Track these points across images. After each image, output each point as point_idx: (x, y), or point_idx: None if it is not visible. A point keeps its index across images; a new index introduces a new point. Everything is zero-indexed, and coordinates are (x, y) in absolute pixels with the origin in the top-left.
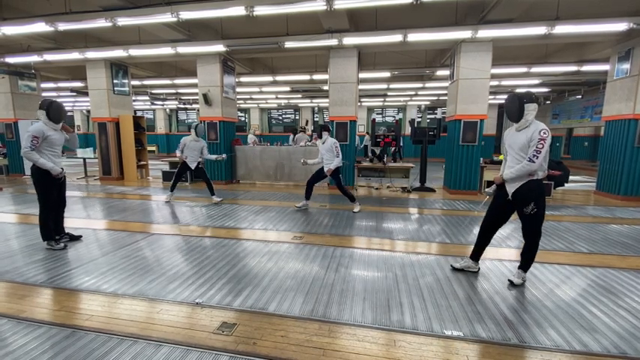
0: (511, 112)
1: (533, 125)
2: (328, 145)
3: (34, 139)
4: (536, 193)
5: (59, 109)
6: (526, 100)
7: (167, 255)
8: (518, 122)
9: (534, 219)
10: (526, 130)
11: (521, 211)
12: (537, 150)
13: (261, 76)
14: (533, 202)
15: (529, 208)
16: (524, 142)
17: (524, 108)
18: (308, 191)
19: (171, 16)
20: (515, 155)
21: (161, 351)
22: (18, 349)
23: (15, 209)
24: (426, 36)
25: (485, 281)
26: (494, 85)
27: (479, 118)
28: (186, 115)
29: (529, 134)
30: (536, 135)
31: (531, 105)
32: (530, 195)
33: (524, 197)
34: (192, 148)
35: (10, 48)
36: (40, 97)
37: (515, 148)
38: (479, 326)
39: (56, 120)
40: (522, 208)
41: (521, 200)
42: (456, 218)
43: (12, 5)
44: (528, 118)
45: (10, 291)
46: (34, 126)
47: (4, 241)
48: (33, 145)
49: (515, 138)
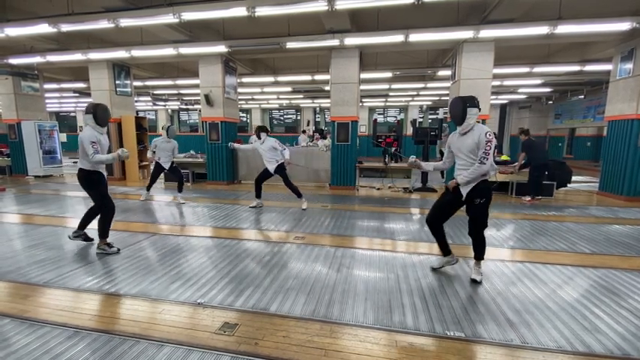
0: (455, 115)
1: (477, 128)
2: (269, 144)
3: (93, 144)
4: (487, 191)
5: (105, 112)
6: (469, 104)
7: (169, 255)
8: (462, 125)
9: (483, 209)
10: (471, 133)
11: (472, 204)
12: (486, 152)
13: (263, 76)
14: (480, 197)
15: (477, 200)
16: (472, 145)
17: (467, 112)
18: (258, 190)
19: (173, 17)
20: (465, 158)
21: (163, 351)
22: (21, 348)
23: (18, 209)
24: (428, 36)
25: (487, 282)
26: (496, 85)
27: (480, 118)
28: (187, 115)
29: (475, 137)
30: (482, 138)
31: (473, 109)
32: (482, 193)
33: (476, 195)
34: (164, 149)
35: (13, 49)
36: (42, 98)
37: (464, 151)
38: (481, 327)
39: (103, 123)
40: (473, 201)
41: (474, 196)
42: (457, 219)
43: (15, 6)
44: (470, 121)
45: (12, 291)
46: (86, 133)
47: (7, 242)
48: (96, 150)
49: (462, 142)
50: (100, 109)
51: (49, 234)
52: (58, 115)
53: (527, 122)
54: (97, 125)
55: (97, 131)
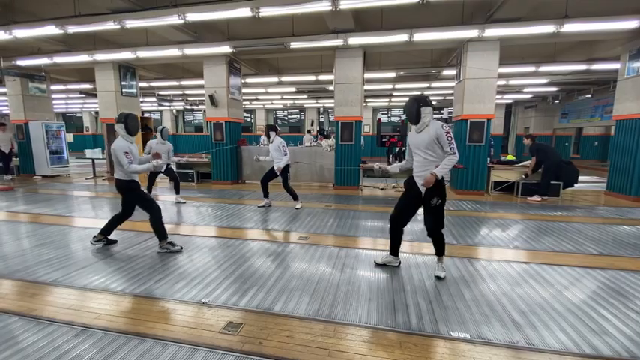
0: (410, 115)
1: (432, 125)
2: (276, 144)
3: (126, 154)
4: (441, 188)
5: (135, 121)
6: (422, 103)
7: (174, 254)
8: (417, 124)
9: (439, 210)
10: (427, 130)
11: (428, 205)
12: (450, 143)
13: (267, 76)
14: (437, 196)
15: (434, 200)
16: (428, 141)
17: (421, 111)
18: (264, 190)
19: (178, 18)
20: (422, 155)
21: (168, 350)
22: (29, 346)
23: (25, 209)
24: (433, 35)
25: (493, 282)
26: (502, 84)
27: (486, 117)
28: (192, 116)
29: (432, 133)
30: (440, 131)
31: (427, 108)
32: (437, 189)
33: (432, 192)
34: (159, 150)
35: (21, 51)
36: (49, 99)
37: (421, 148)
38: (486, 328)
39: (134, 132)
40: (429, 201)
41: (430, 195)
42: (462, 219)
43: (23, 9)
44: (425, 120)
45: (21, 289)
46: (118, 144)
47: (15, 241)
48: (130, 161)
49: (418, 139)
50: (130, 119)
51: (56, 233)
52: (64, 116)
53: (532, 122)
54: (127, 134)
55: (128, 140)
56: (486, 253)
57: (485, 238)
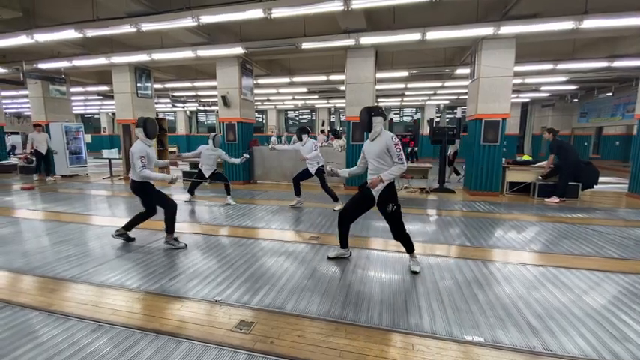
0: (363, 123)
1: (384, 135)
2: (308, 146)
3: (142, 158)
4: (392, 193)
5: (153, 125)
6: (374, 113)
7: (187, 253)
8: (370, 132)
9: (396, 215)
10: (379, 140)
11: (384, 211)
12: (399, 154)
13: (279, 77)
14: (390, 201)
15: (389, 207)
16: (379, 151)
17: (373, 120)
18: (296, 188)
19: (192, 20)
20: (374, 162)
21: (181, 346)
22: (49, 340)
23: (45, 207)
24: (446, 34)
25: (508, 285)
26: (518, 83)
27: (501, 117)
28: (205, 116)
29: (382, 143)
30: (390, 142)
31: (378, 118)
32: (389, 195)
33: (386, 198)
34: (209, 156)
35: (41, 54)
36: (69, 101)
37: (373, 156)
38: (501, 332)
39: (152, 135)
40: (385, 208)
41: (384, 201)
42: (476, 220)
43: (44, 14)
44: (376, 129)
45: (41, 285)
46: (136, 147)
47: (35, 238)
48: (143, 165)
49: (371, 147)
50: (149, 123)
51: (74, 231)
52: (83, 117)
53: (550, 121)
54: (146, 138)
55: (146, 144)
56: (501, 255)
57: (500, 240)
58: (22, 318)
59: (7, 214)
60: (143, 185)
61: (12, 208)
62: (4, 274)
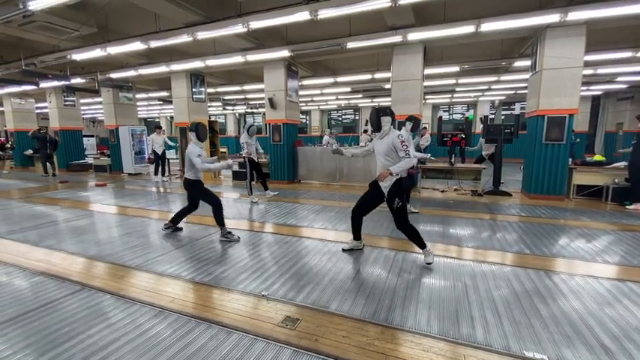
0: (373, 123)
1: (391, 133)
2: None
3: (199, 155)
4: (400, 188)
5: (204, 129)
6: (382, 113)
7: (236, 248)
8: (380, 131)
9: (401, 210)
10: (386, 138)
11: (391, 207)
12: (405, 149)
13: (323, 78)
14: (397, 197)
15: (395, 203)
16: (387, 148)
17: (381, 120)
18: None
19: (242, 26)
20: (382, 159)
21: (232, 337)
22: (117, 322)
23: (115, 202)
24: (503, 24)
25: (576, 300)
26: (588, 74)
27: (567, 113)
28: (252, 118)
29: (389, 142)
30: (396, 141)
31: (386, 118)
32: (397, 190)
33: (393, 192)
34: (252, 145)
35: (112, 65)
36: (135, 106)
37: (381, 153)
38: (567, 351)
39: (203, 138)
40: (391, 204)
41: (391, 195)
42: (536, 226)
43: (115, 29)
44: (385, 128)
45: (112, 271)
46: (191, 148)
47: (107, 229)
48: (202, 160)
49: (379, 145)
50: (200, 127)
51: (139, 224)
52: (145, 121)
53: (627, 116)
54: (198, 141)
55: (199, 146)
56: (566, 265)
57: (565, 248)
58: (96, 300)
59: (83, 207)
60: (195, 183)
61: (88, 202)
62: (82, 260)
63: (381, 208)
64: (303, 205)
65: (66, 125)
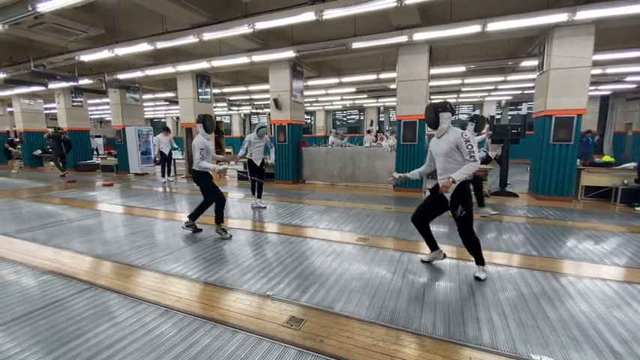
0: (430, 120)
1: (452, 132)
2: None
3: (202, 150)
4: (466, 193)
5: (211, 121)
6: (441, 109)
7: (241, 248)
8: (437, 129)
9: (465, 220)
10: (446, 137)
11: (454, 214)
12: (470, 151)
13: (328, 78)
14: (461, 204)
15: (458, 211)
16: (447, 148)
17: (440, 117)
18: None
19: (247, 27)
20: (442, 161)
21: (237, 337)
22: (123, 321)
23: (122, 202)
24: (510, 24)
25: (584, 303)
26: (596, 74)
27: (575, 113)
28: (257, 119)
29: (450, 140)
30: (460, 139)
31: (445, 114)
32: (463, 195)
33: (458, 200)
34: (257, 145)
35: (119, 66)
36: (141, 106)
37: (441, 154)
38: (576, 355)
39: (210, 130)
40: (454, 210)
41: (456, 202)
42: (543, 227)
43: (122, 30)
44: (444, 125)
45: (118, 270)
46: (197, 140)
47: (113, 229)
48: (202, 156)
49: (438, 146)
50: (207, 119)
51: (144, 224)
52: (152, 121)
53: (637, 116)
54: (205, 132)
55: (205, 137)
56: (574, 267)
57: (573, 250)
58: (103, 299)
59: (90, 207)
60: (202, 175)
61: (95, 201)
62: (89, 259)
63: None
64: (307, 206)
65: (74, 125)
